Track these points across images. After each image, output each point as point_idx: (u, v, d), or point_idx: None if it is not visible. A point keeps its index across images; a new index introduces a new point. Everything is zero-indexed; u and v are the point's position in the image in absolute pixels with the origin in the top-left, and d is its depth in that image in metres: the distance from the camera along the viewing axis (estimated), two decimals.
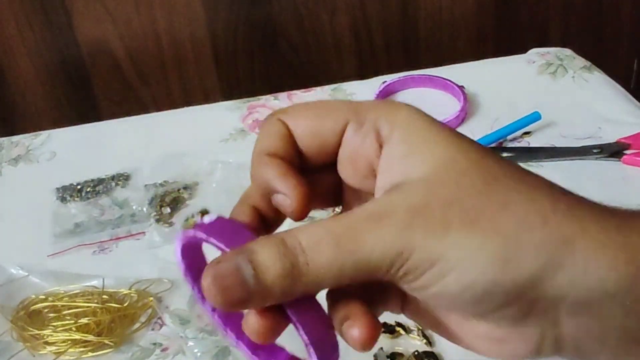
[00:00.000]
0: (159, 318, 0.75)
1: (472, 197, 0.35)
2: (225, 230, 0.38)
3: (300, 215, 0.39)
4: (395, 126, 0.38)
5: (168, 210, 0.89)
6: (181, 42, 1.46)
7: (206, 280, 0.34)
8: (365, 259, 0.34)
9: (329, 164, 0.41)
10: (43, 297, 0.78)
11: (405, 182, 0.36)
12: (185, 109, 1.12)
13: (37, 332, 0.73)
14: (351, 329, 0.36)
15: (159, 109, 1.30)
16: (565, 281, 0.33)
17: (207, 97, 1.49)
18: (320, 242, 0.34)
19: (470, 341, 0.39)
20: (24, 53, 1.42)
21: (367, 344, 0.35)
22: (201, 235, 0.38)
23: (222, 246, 0.37)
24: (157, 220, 0.88)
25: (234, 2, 1.43)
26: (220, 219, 0.39)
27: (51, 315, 0.75)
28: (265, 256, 0.34)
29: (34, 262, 0.83)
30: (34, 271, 0.81)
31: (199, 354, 0.70)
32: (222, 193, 0.90)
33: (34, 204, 0.94)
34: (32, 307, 0.76)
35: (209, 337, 0.71)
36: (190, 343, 0.71)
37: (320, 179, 0.42)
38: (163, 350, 0.71)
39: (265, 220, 0.41)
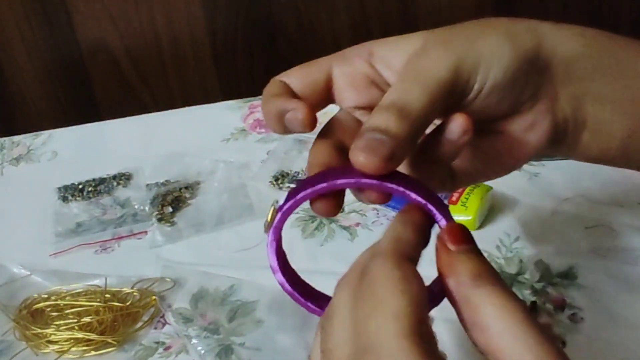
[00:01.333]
0: (162, 317, 0.75)
1: (469, 26, 0.49)
2: (326, 174, 0.44)
3: (312, 122, 0.47)
4: (374, 44, 0.51)
5: (170, 209, 0.89)
6: (181, 41, 1.46)
7: (358, 156, 0.41)
8: (440, 78, 0.44)
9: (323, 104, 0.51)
10: (45, 296, 0.78)
11: (417, 48, 0.47)
12: (186, 108, 1.12)
13: (39, 331, 0.73)
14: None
15: (158, 108, 1.30)
16: (550, 47, 0.48)
17: (206, 96, 1.49)
18: (406, 88, 0.44)
19: (516, 145, 0.50)
20: (23, 52, 1.42)
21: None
22: (315, 188, 0.42)
23: (349, 181, 0.42)
24: (159, 220, 0.88)
25: (233, 1, 1.43)
26: (305, 179, 0.45)
27: (54, 314, 0.75)
28: (379, 118, 0.42)
29: (36, 261, 0.83)
30: (36, 270, 0.81)
31: (202, 352, 0.70)
32: (224, 192, 0.90)
33: (36, 203, 0.94)
34: (35, 306, 0.76)
35: (212, 336, 0.71)
36: (194, 342, 0.71)
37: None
38: (166, 349, 0.71)
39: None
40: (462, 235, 0.40)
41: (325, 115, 0.50)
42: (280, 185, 0.91)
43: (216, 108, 1.11)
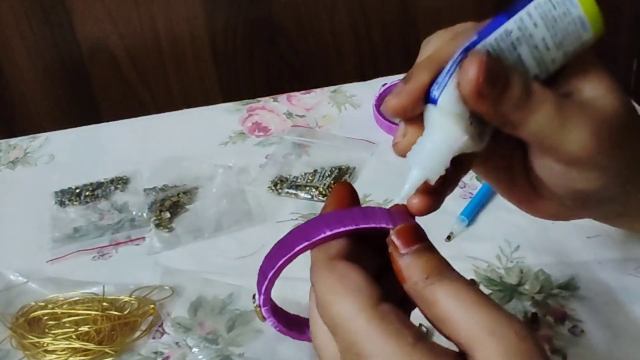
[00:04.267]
0: (160, 326, 0.74)
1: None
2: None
3: None
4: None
5: (168, 215, 0.88)
6: (181, 41, 1.45)
7: (474, 63, 0.41)
8: (562, 144, 0.44)
9: None
10: (42, 304, 0.77)
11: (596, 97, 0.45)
12: (184, 110, 1.11)
13: (36, 340, 0.72)
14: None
15: (158, 108, 1.29)
16: None
17: (206, 96, 1.49)
18: (547, 101, 0.43)
19: (539, 208, 0.53)
20: (23, 52, 1.41)
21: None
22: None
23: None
24: (157, 226, 0.87)
25: (233, 2, 1.43)
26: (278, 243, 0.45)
27: (51, 322, 0.75)
28: (516, 75, 0.43)
29: (33, 268, 0.83)
30: (33, 277, 0.81)
31: None
32: (223, 198, 0.90)
33: (33, 208, 0.93)
34: (32, 315, 0.76)
35: (211, 346, 0.71)
36: (194, 350, 0.70)
37: None
38: (164, 359, 0.71)
39: None
40: (410, 237, 0.41)
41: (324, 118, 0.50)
42: (279, 190, 0.90)
43: (214, 110, 1.10)
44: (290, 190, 0.90)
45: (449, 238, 0.80)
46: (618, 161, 0.46)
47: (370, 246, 0.45)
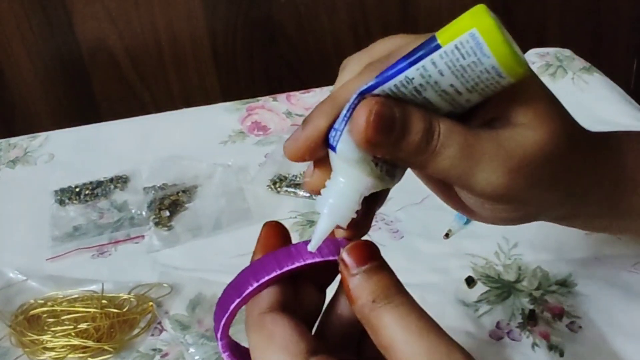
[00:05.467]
0: (159, 323, 0.74)
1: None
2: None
3: None
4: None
5: (167, 213, 0.88)
6: (181, 41, 1.46)
7: (363, 111, 0.39)
8: (472, 185, 0.42)
9: None
10: (42, 301, 0.77)
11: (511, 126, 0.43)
12: (184, 110, 1.11)
13: (36, 337, 0.72)
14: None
15: (158, 108, 1.30)
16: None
17: (206, 96, 1.49)
18: (452, 144, 0.41)
19: (477, 217, 0.49)
20: (23, 53, 1.41)
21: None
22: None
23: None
24: (156, 224, 0.87)
25: (233, 2, 1.43)
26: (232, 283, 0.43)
27: (50, 320, 0.75)
28: (416, 120, 0.40)
29: (32, 266, 0.83)
30: (32, 275, 0.81)
31: (199, 359, 0.69)
32: (222, 196, 0.90)
33: (32, 206, 0.93)
34: (31, 312, 0.76)
35: (209, 343, 0.71)
36: (192, 349, 0.70)
37: None
38: (163, 356, 0.71)
39: None
40: (362, 255, 0.39)
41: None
42: (278, 189, 0.91)
43: (214, 110, 1.10)
44: (289, 189, 0.90)
45: (447, 235, 0.80)
46: (544, 195, 0.44)
47: (314, 278, 0.44)
